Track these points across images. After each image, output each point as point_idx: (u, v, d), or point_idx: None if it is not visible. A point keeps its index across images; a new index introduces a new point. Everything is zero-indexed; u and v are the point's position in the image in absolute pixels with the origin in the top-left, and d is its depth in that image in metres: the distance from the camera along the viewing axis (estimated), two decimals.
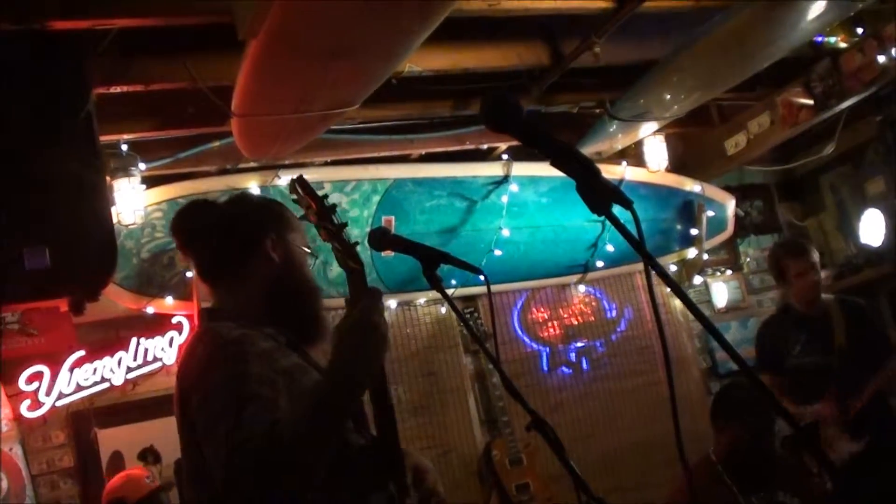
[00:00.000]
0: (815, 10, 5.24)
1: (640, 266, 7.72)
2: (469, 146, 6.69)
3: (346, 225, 2.64)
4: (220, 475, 2.27)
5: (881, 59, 5.95)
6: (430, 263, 2.75)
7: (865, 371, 5.41)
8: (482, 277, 2.62)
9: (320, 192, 2.71)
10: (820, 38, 6.17)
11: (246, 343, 2.42)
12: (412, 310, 7.01)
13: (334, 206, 2.63)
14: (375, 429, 2.54)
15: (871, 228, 7.29)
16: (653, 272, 1.79)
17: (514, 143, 6.67)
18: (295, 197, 2.69)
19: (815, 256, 5.69)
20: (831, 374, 5.50)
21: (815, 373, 5.56)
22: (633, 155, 7.29)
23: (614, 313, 7.78)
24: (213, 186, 5.96)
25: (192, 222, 2.75)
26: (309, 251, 2.81)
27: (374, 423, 2.55)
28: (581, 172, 1.78)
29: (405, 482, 2.57)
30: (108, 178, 5.24)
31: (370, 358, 2.42)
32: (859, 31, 6.19)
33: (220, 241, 2.71)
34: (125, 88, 4.73)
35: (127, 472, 5.58)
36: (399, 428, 2.59)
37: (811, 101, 6.54)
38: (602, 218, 5.64)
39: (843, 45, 6.30)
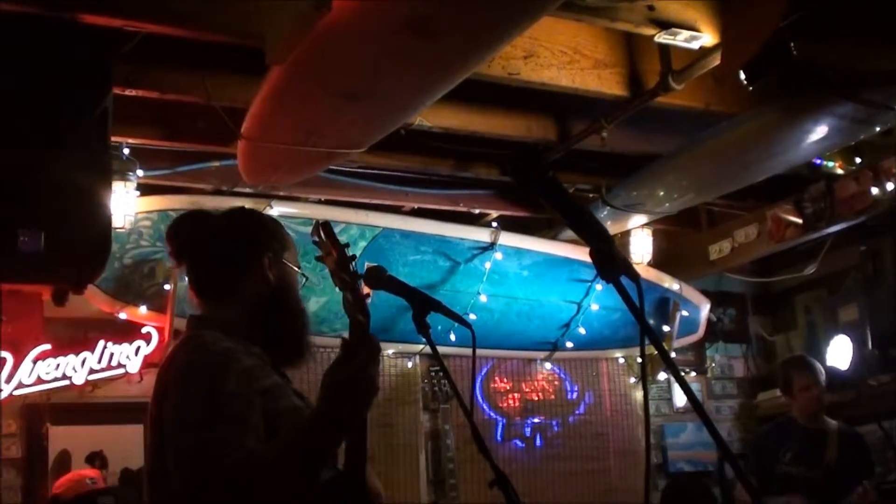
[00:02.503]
0: (819, 132, 5.37)
1: (607, 353, 7.82)
2: (462, 208, 6.77)
3: (361, 276, 2.62)
4: (181, 486, 2.30)
5: (875, 190, 6.09)
6: (422, 309, 2.79)
7: (846, 493, 5.52)
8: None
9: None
10: (819, 161, 6.29)
11: (229, 357, 2.44)
12: (379, 359, 7.00)
13: (354, 256, 2.60)
14: (345, 462, 2.53)
15: (838, 354, 7.37)
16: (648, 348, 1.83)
17: (505, 212, 6.81)
18: (316, 240, 2.65)
19: (821, 375, 5.84)
20: (815, 487, 5.60)
21: (800, 484, 5.67)
22: (619, 244, 7.33)
23: (575, 395, 7.82)
24: (206, 205, 5.93)
25: (190, 232, 2.76)
26: (300, 272, 2.83)
27: (345, 455, 2.54)
28: (597, 239, 1.84)
29: None
30: None
31: (361, 412, 2.42)
32: (857, 160, 6.33)
33: (217, 254, 2.73)
34: (140, 93, 4.76)
35: (78, 472, 5.51)
36: None
37: (800, 220, 6.67)
38: (578, 300, 5.72)
39: (839, 171, 6.44)
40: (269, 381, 2.51)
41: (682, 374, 7.96)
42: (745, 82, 4.51)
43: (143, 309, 5.89)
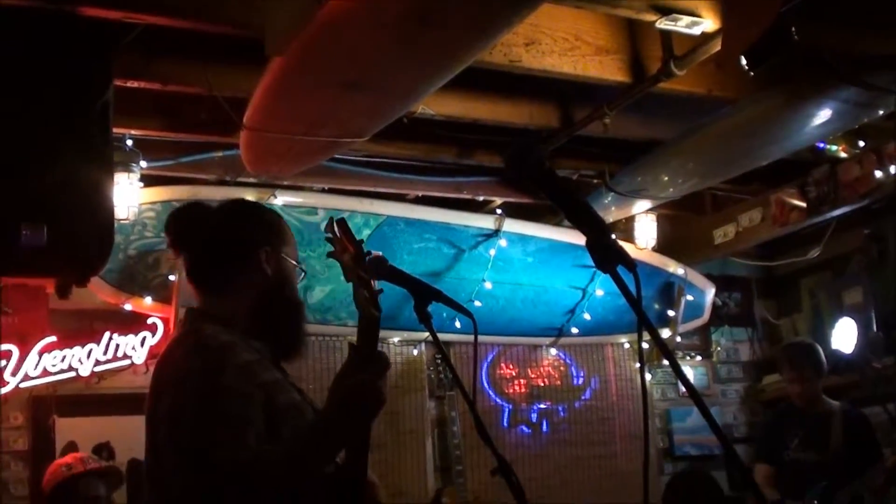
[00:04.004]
0: (822, 117, 5.36)
1: (612, 338, 7.83)
2: (466, 195, 6.77)
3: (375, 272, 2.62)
4: (183, 488, 2.33)
5: (878, 174, 6.08)
6: (423, 299, 2.79)
7: (855, 476, 5.53)
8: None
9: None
10: (822, 145, 6.28)
11: (227, 353, 2.45)
12: (385, 348, 7.02)
13: (370, 252, 2.61)
14: (346, 456, 2.54)
15: (843, 336, 7.38)
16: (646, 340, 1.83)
17: (509, 199, 6.81)
18: (330, 236, 2.66)
19: (804, 368, 5.82)
20: (825, 472, 5.61)
21: (810, 469, 5.68)
22: (623, 230, 7.36)
23: (581, 381, 7.84)
24: (210, 195, 5.91)
25: (189, 223, 2.76)
26: (299, 266, 2.83)
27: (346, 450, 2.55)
28: (593, 230, 1.85)
29: None
30: None
31: (367, 423, 2.47)
32: (861, 143, 6.32)
33: (215, 246, 2.73)
34: (142, 84, 4.76)
35: (57, 462, 5.43)
36: None
37: (804, 204, 6.67)
38: (583, 285, 5.72)
39: (843, 154, 6.42)
40: (269, 376, 2.52)
41: (688, 357, 8.12)
42: (747, 68, 4.50)
43: (148, 300, 5.91)
